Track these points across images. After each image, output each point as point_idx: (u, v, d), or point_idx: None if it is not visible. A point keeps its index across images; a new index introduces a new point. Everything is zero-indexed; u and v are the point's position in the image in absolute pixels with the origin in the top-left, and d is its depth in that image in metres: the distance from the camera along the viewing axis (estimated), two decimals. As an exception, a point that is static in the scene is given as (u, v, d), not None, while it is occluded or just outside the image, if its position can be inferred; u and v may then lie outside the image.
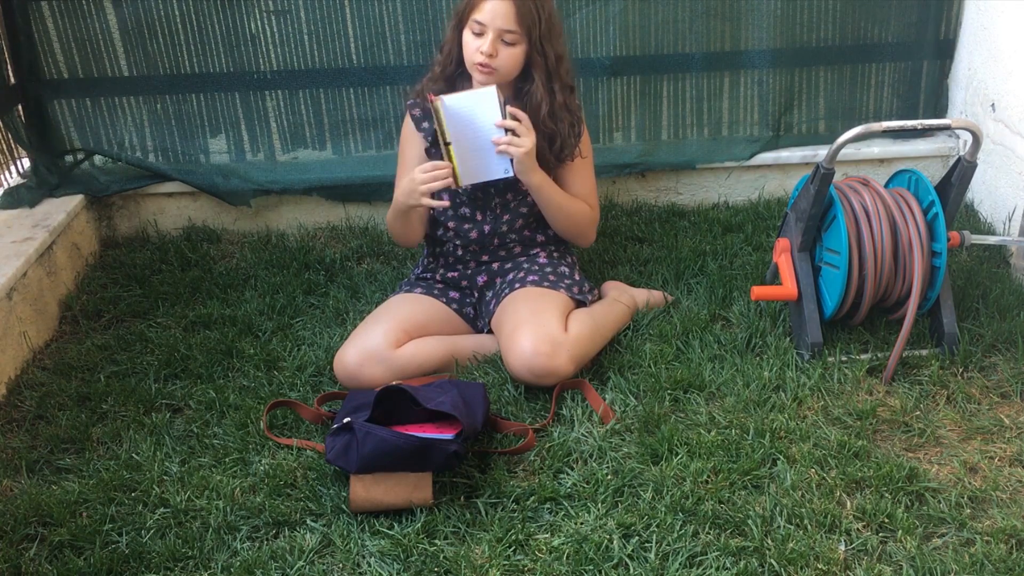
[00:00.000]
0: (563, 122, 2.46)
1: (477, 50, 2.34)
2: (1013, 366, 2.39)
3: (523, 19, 2.32)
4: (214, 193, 3.28)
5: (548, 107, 2.42)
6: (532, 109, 2.41)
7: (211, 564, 1.89)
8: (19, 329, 2.60)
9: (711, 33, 3.25)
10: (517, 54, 2.37)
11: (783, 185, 3.41)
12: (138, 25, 3.14)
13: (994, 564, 1.81)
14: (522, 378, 2.32)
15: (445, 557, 1.87)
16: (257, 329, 2.72)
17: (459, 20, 2.39)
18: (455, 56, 2.44)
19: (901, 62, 3.34)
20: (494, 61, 2.34)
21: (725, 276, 2.83)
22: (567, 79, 2.45)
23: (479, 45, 2.33)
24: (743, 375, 2.38)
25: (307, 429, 2.28)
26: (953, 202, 2.44)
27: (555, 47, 2.40)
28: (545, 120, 2.42)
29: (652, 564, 1.84)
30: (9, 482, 2.15)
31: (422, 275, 2.66)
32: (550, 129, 2.45)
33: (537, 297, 2.45)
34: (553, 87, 2.42)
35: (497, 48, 2.33)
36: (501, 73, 2.37)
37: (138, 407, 2.38)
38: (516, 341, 2.31)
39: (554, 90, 2.42)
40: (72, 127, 3.25)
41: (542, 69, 2.40)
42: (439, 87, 2.46)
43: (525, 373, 2.31)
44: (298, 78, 3.23)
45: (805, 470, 2.06)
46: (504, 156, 2.34)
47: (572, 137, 2.49)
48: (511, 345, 2.32)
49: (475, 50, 2.34)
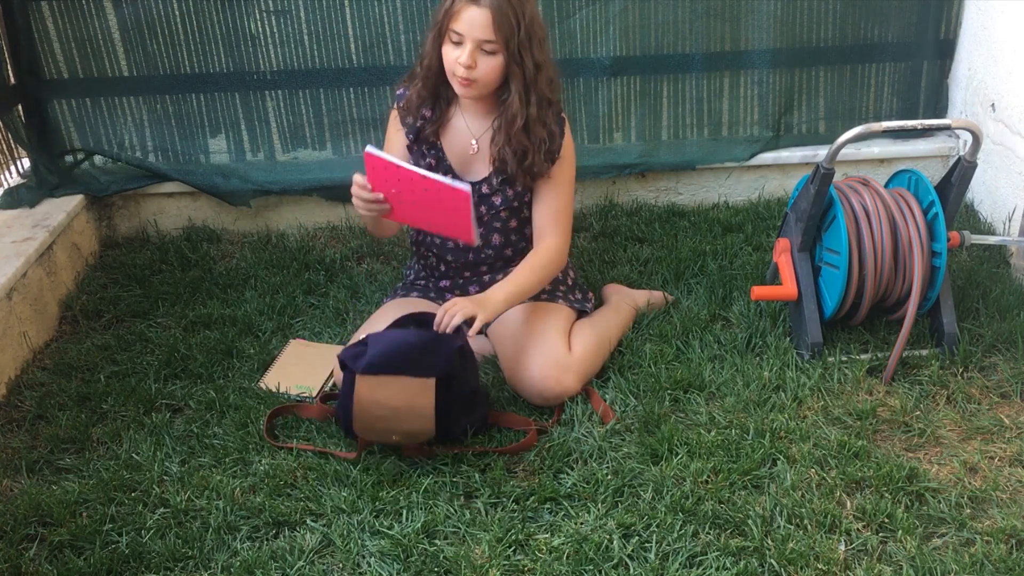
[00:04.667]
0: (536, 136, 2.35)
1: (456, 61, 2.26)
2: (1013, 366, 2.39)
3: (501, 28, 2.22)
4: (214, 193, 3.28)
5: (523, 121, 2.32)
6: (507, 120, 2.34)
7: (211, 564, 1.89)
8: (19, 329, 2.60)
9: (711, 33, 3.25)
10: (496, 65, 2.27)
11: (783, 185, 3.41)
12: (138, 25, 3.13)
13: (994, 564, 1.81)
14: (530, 400, 2.32)
15: (445, 557, 1.87)
16: (257, 329, 2.72)
17: (438, 30, 2.30)
18: (435, 68, 2.35)
19: (901, 62, 3.34)
20: (473, 73, 2.26)
21: (725, 276, 2.83)
22: (546, 91, 2.34)
23: (458, 56, 2.25)
24: (743, 375, 2.38)
25: (307, 429, 2.28)
26: (953, 202, 2.44)
27: (534, 56, 2.29)
28: (518, 134, 2.33)
29: (652, 564, 1.84)
30: (9, 482, 2.15)
31: (415, 281, 2.63)
32: (523, 144, 2.35)
33: (537, 313, 2.42)
34: (530, 99, 2.32)
35: (476, 59, 2.25)
36: (480, 84, 2.29)
37: (138, 407, 2.38)
38: (522, 367, 2.30)
39: (530, 103, 2.32)
40: (72, 127, 3.25)
41: (520, 79, 2.29)
42: (423, 97, 2.40)
43: (534, 397, 2.31)
44: (298, 78, 3.23)
45: (805, 470, 2.06)
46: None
47: (542, 153, 2.38)
48: (517, 370, 2.31)
49: (455, 61, 2.26)
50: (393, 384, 2.06)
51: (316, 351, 2.59)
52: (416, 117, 2.44)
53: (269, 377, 2.48)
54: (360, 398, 2.05)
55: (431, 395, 2.06)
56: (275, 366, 2.53)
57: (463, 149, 2.45)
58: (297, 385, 2.44)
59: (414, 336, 2.12)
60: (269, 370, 2.51)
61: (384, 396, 2.05)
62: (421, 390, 2.06)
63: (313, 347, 2.61)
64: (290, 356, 2.57)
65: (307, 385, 2.44)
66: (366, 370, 2.06)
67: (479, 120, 2.43)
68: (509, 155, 2.36)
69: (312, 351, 2.59)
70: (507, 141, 2.35)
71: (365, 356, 2.07)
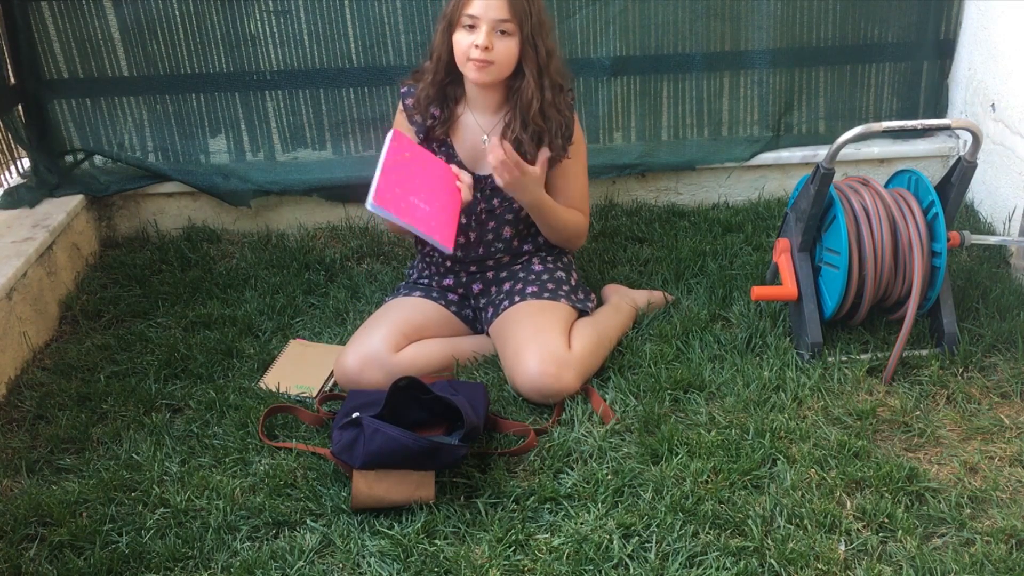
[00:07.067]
0: (552, 121, 2.41)
1: (471, 44, 2.29)
2: (1013, 366, 2.39)
3: (516, 10, 2.27)
4: (214, 193, 3.28)
5: (539, 104, 2.36)
6: (523, 105, 2.37)
7: (211, 564, 1.89)
8: (19, 329, 2.60)
9: (711, 33, 3.25)
10: (512, 47, 2.31)
11: (783, 185, 3.41)
12: (138, 25, 3.13)
13: (994, 564, 1.81)
14: (529, 398, 2.32)
15: (445, 557, 1.87)
16: (257, 329, 2.72)
17: (448, 21, 2.33)
18: (445, 62, 2.38)
19: (901, 62, 3.34)
20: (490, 54, 2.29)
21: (725, 276, 2.83)
22: (557, 77, 2.40)
23: (473, 40, 2.28)
24: (743, 375, 2.38)
25: (307, 429, 2.28)
26: (953, 202, 2.44)
27: (546, 42, 2.35)
28: (535, 117, 2.37)
29: (652, 564, 1.84)
30: (9, 482, 2.15)
31: (418, 280, 2.64)
32: (539, 127, 2.39)
33: (538, 312, 2.42)
34: (544, 83, 2.37)
35: (492, 40, 2.28)
36: (497, 67, 2.32)
37: (138, 407, 2.38)
38: (521, 362, 2.30)
39: (544, 87, 2.37)
40: (72, 127, 3.25)
41: (533, 64, 2.34)
42: (431, 95, 2.43)
43: (532, 394, 2.30)
44: (298, 78, 3.23)
45: (805, 470, 2.06)
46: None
47: (559, 138, 2.43)
48: (516, 366, 2.31)
49: (469, 45, 2.29)
50: (391, 476, 1.98)
51: (316, 351, 2.59)
52: (425, 116, 2.46)
53: (269, 377, 2.48)
54: (358, 493, 1.97)
55: (431, 486, 2.00)
56: (275, 366, 2.53)
57: (473, 144, 2.47)
58: (297, 385, 2.44)
59: (413, 442, 1.97)
60: (269, 370, 2.51)
61: (383, 490, 1.97)
62: (422, 482, 2.00)
63: (313, 347, 2.61)
64: (290, 356, 2.57)
65: (307, 385, 2.44)
66: (364, 466, 1.97)
67: (488, 115, 2.46)
68: (526, 140, 2.39)
69: (312, 351, 2.59)
70: (523, 127, 2.39)
71: (360, 450, 1.97)
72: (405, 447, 1.96)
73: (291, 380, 2.45)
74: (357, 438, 1.99)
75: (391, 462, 1.97)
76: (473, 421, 2.06)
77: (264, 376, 2.48)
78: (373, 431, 1.97)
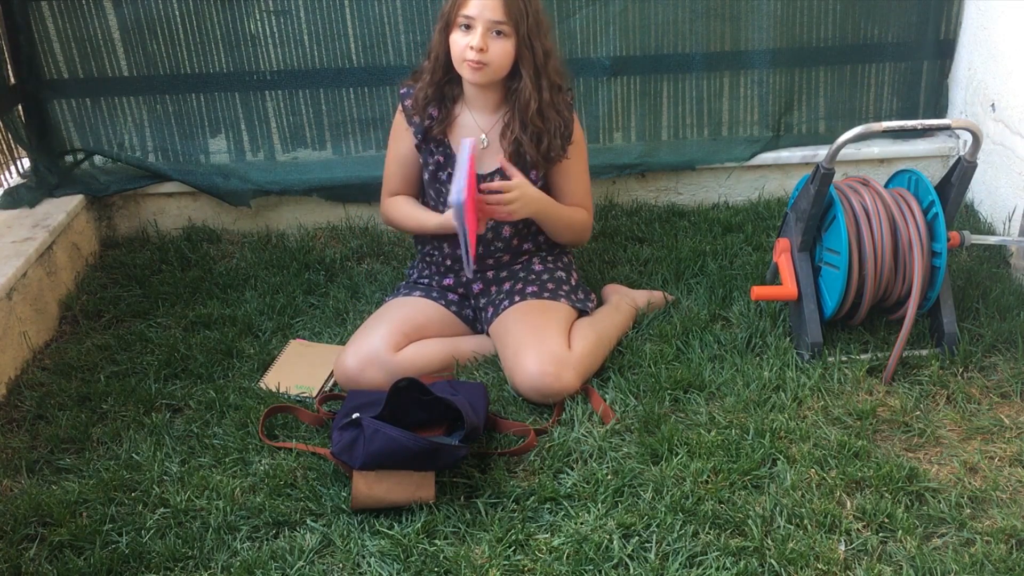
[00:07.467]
0: (550, 121, 2.40)
1: (467, 46, 2.29)
2: (1013, 366, 2.39)
3: (511, 11, 2.27)
4: (214, 193, 3.28)
5: (536, 104, 2.36)
6: (521, 106, 2.37)
7: (211, 564, 1.89)
8: (19, 329, 2.60)
9: (711, 33, 3.25)
10: (507, 48, 2.31)
11: (783, 185, 3.41)
12: (138, 25, 3.13)
13: (994, 564, 1.81)
14: (529, 398, 2.32)
15: (445, 557, 1.87)
16: (257, 329, 2.72)
17: (445, 22, 2.33)
18: (443, 62, 2.39)
19: (901, 62, 3.34)
20: (485, 56, 2.29)
21: (725, 276, 2.83)
22: (555, 77, 2.39)
23: (468, 41, 2.29)
24: (743, 375, 2.38)
25: (307, 429, 2.28)
26: (953, 202, 2.44)
27: (543, 43, 2.35)
28: (534, 118, 2.37)
29: (652, 564, 1.84)
30: (9, 482, 2.15)
31: (418, 280, 2.63)
32: (538, 128, 2.39)
33: (538, 312, 2.42)
34: (541, 84, 2.37)
35: (487, 42, 2.28)
36: (492, 68, 2.32)
37: (138, 407, 2.38)
38: (521, 362, 2.30)
39: (542, 87, 2.37)
40: (72, 127, 3.25)
41: (530, 65, 2.34)
42: (429, 95, 2.44)
43: (532, 394, 2.30)
44: (298, 78, 3.23)
45: (805, 470, 2.06)
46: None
47: (559, 138, 2.43)
48: (516, 366, 2.31)
49: (464, 46, 2.30)
50: (391, 476, 1.98)
51: (316, 351, 2.59)
52: (423, 117, 2.46)
53: (269, 377, 2.48)
54: (358, 493, 1.97)
55: (431, 486, 2.00)
56: (275, 366, 2.53)
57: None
58: (297, 385, 2.44)
59: (413, 443, 1.97)
60: (269, 370, 2.51)
61: (383, 491, 1.97)
62: (422, 482, 1.99)
63: (313, 347, 2.61)
64: (290, 356, 2.57)
65: (307, 385, 2.44)
66: (364, 466, 1.97)
67: (487, 115, 2.46)
68: (526, 141, 2.40)
69: (312, 351, 2.59)
70: (523, 127, 2.39)
71: (360, 451, 1.97)
72: (405, 448, 1.96)
73: (291, 380, 2.45)
74: (357, 438, 1.99)
75: (391, 463, 1.97)
76: (473, 422, 2.06)
77: (264, 376, 2.48)
78: (373, 432, 1.97)
